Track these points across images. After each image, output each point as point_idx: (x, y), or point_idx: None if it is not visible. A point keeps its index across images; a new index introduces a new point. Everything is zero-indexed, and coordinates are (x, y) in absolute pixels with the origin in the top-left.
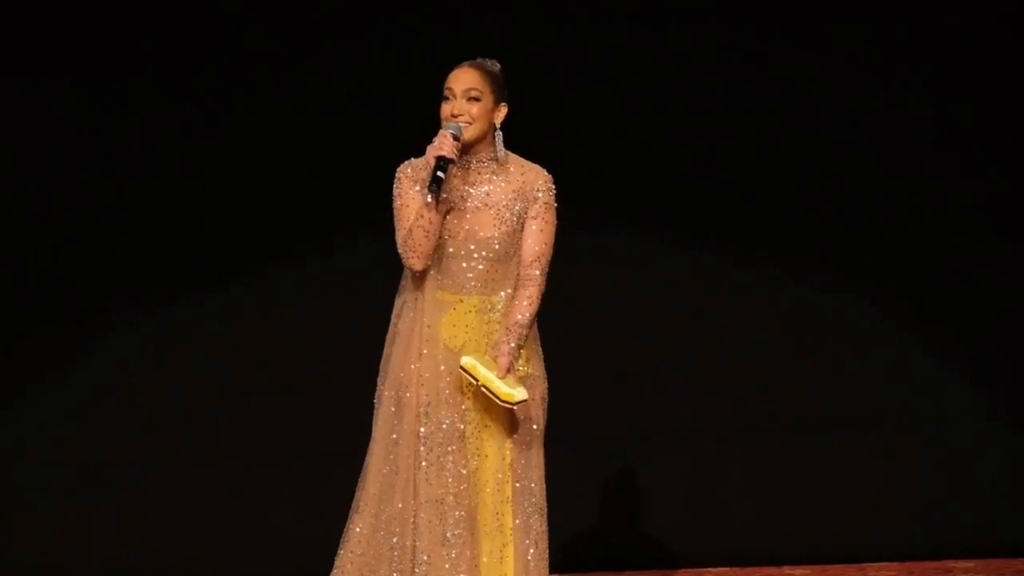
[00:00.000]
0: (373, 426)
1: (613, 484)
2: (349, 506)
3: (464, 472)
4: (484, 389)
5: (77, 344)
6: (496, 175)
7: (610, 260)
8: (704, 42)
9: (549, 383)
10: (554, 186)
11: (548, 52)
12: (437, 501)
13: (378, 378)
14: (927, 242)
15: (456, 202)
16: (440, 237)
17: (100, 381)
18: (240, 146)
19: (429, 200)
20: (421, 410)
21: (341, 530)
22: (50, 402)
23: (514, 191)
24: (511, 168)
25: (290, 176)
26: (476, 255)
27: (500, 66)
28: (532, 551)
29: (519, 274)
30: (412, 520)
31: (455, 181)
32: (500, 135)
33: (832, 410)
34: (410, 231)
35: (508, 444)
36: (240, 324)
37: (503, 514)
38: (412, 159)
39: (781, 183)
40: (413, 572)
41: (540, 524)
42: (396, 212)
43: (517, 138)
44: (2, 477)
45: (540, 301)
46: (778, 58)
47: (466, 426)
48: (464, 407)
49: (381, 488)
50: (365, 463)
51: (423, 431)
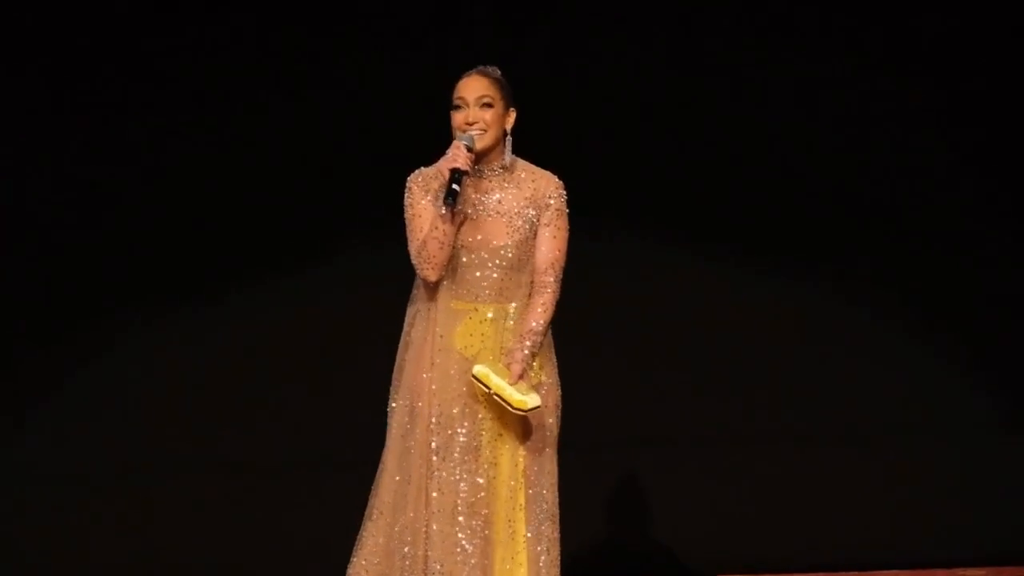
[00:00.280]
0: (387, 435)
1: (626, 491)
2: (356, 515)
3: (481, 481)
4: (496, 397)
5: (79, 354)
6: (507, 183)
7: (626, 267)
8: (704, 42)
9: (562, 390)
10: (565, 192)
11: (548, 56)
12: (452, 511)
13: (391, 387)
14: (943, 251)
15: (468, 211)
16: (453, 247)
17: (105, 390)
18: (245, 153)
19: (444, 212)
20: (433, 420)
21: (348, 538)
22: (52, 412)
23: (526, 198)
24: (521, 175)
25: (296, 183)
26: (490, 264)
27: (500, 71)
28: (544, 558)
29: (533, 281)
30: (424, 530)
31: (467, 190)
32: (509, 141)
33: (844, 418)
34: (424, 243)
35: (521, 451)
36: (246, 333)
37: (515, 521)
38: (422, 168)
39: (799, 193)
40: None
41: (552, 531)
42: (408, 223)
43: (524, 145)
44: (5, 487)
45: (554, 308)
46: (780, 58)
47: (483, 435)
48: (480, 416)
49: (395, 497)
50: (378, 471)
51: (435, 442)
